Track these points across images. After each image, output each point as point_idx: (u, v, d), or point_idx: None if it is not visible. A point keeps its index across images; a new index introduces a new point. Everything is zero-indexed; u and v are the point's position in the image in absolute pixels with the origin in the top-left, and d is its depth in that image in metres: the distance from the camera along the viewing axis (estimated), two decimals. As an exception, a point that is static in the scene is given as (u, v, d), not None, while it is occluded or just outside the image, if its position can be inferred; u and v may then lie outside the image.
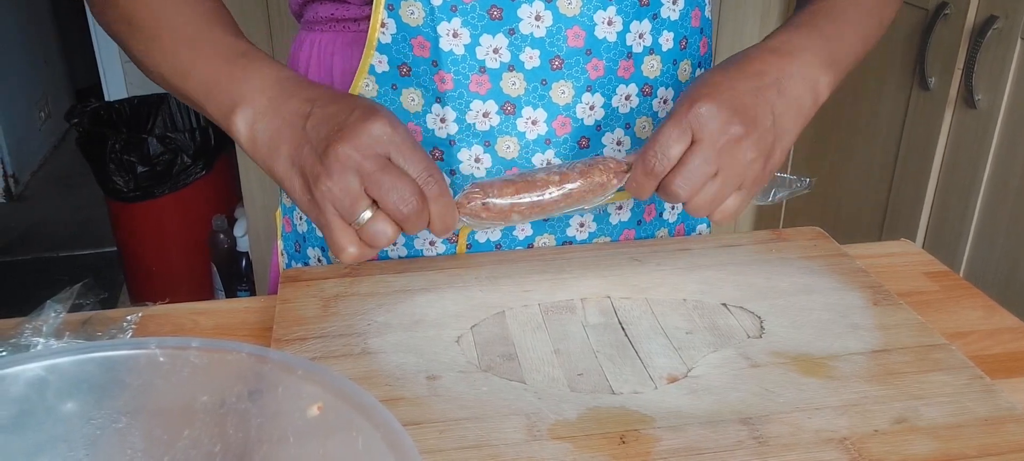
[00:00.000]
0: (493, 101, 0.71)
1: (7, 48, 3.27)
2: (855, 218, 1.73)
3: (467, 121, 0.72)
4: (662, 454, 0.52)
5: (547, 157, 0.74)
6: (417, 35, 0.69)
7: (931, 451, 0.53)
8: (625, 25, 0.71)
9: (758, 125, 0.62)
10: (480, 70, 0.70)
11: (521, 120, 0.72)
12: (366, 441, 0.42)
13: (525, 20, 0.69)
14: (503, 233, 0.78)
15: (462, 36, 0.69)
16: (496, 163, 0.73)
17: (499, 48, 0.70)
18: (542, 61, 0.70)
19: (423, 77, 0.71)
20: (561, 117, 0.73)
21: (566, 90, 0.72)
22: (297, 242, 0.85)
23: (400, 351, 0.62)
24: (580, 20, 0.70)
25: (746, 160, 0.63)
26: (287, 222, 0.86)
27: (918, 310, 0.68)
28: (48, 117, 3.60)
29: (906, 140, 1.55)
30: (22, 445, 0.46)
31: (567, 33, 0.70)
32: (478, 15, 0.69)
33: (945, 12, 1.40)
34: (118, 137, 2.27)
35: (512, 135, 0.73)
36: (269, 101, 0.62)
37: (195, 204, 2.41)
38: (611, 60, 0.72)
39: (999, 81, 1.32)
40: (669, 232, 0.85)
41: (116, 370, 0.47)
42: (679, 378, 0.60)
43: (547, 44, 0.70)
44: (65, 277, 2.71)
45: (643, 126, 0.76)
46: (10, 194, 3.26)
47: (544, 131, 0.73)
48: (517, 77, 0.71)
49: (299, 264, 0.84)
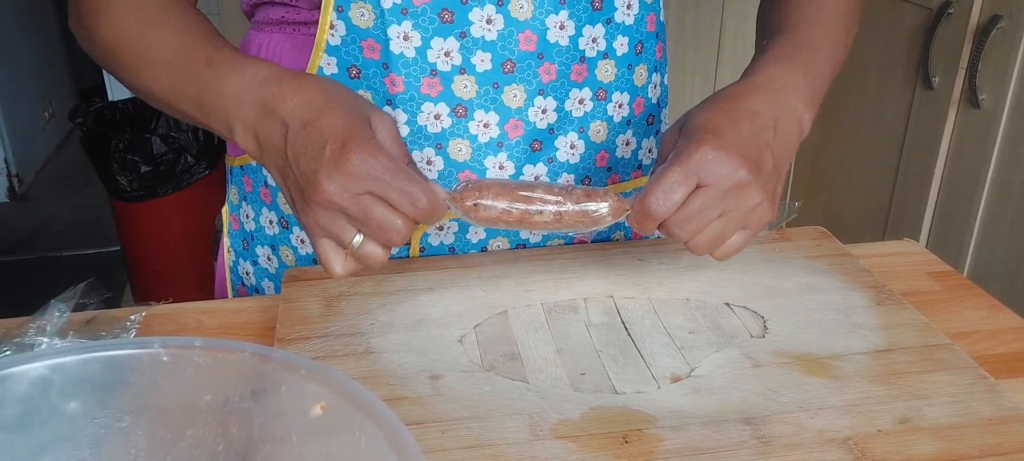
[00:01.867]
0: (445, 103, 0.71)
1: (11, 48, 3.27)
2: (858, 218, 1.73)
3: (418, 123, 0.72)
4: (665, 454, 0.52)
5: (499, 160, 0.74)
6: (367, 37, 0.69)
7: (934, 451, 0.53)
8: (577, 29, 0.72)
9: (762, 169, 0.61)
10: (431, 73, 0.70)
11: (473, 123, 0.72)
12: (369, 440, 0.42)
13: (476, 23, 0.69)
14: (456, 236, 0.78)
15: (413, 39, 0.69)
16: (448, 165, 0.73)
17: (450, 51, 0.70)
18: (494, 64, 0.71)
19: (373, 79, 0.70)
20: (513, 120, 0.73)
21: (518, 93, 0.72)
22: (244, 239, 0.85)
23: (403, 351, 0.62)
24: (532, 24, 0.70)
25: (752, 204, 0.61)
26: (234, 220, 0.86)
27: (922, 310, 0.68)
28: (52, 117, 3.61)
29: (910, 140, 1.54)
30: (26, 444, 0.46)
31: (519, 37, 0.70)
32: (429, 18, 0.68)
33: (949, 11, 1.40)
34: (122, 137, 2.28)
35: (464, 138, 0.72)
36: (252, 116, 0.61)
37: (199, 203, 2.41)
38: (563, 64, 0.72)
39: (1003, 80, 1.32)
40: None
41: (120, 369, 0.47)
42: (682, 378, 0.60)
43: (499, 48, 0.70)
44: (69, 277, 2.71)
45: (597, 130, 0.77)
46: (14, 194, 3.26)
47: (496, 134, 0.73)
48: (469, 80, 0.71)
49: (247, 262, 0.84)
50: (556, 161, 0.76)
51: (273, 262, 0.82)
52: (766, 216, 0.63)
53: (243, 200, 0.83)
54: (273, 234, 0.81)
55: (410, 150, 0.72)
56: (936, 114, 1.46)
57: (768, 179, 0.62)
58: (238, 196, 0.84)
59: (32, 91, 3.45)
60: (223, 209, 0.87)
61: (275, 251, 0.82)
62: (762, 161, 0.61)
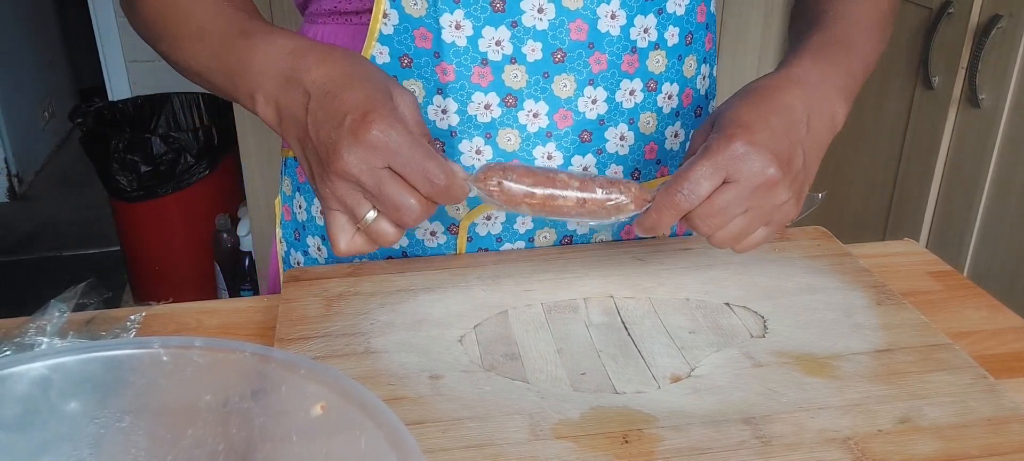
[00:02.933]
0: (495, 93, 0.71)
1: (12, 48, 3.27)
2: (859, 217, 1.73)
3: (469, 113, 0.72)
4: (665, 454, 0.52)
5: (548, 150, 0.74)
6: (419, 26, 0.69)
7: (934, 451, 0.53)
8: (629, 19, 0.71)
9: (792, 167, 0.60)
10: (482, 62, 0.70)
11: (523, 113, 0.72)
12: (369, 440, 0.42)
13: (528, 12, 0.69)
14: (503, 226, 0.78)
15: (464, 28, 0.69)
16: (497, 155, 0.73)
17: (501, 40, 0.70)
18: (544, 54, 0.70)
19: (424, 68, 0.71)
20: (563, 110, 0.73)
21: (568, 83, 0.72)
22: (297, 230, 0.85)
23: (403, 350, 0.62)
24: (583, 13, 0.70)
25: (779, 202, 0.61)
26: (286, 211, 0.86)
27: (922, 310, 0.68)
28: (52, 117, 3.61)
29: (910, 139, 1.54)
30: (26, 444, 0.46)
31: (569, 26, 0.70)
32: (480, 7, 0.69)
33: (949, 11, 1.40)
34: (122, 137, 2.28)
35: (513, 127, 0.73)
36: (275, 86, 0.62)
37: (198, 203, 2.41)
38: (614, 54, 0.72)
39: (1003, 80, 1.32)
40: (672, 231, 0.85)
41: (120, 369, 0.47)
42: (682, 378, 0.60)
43: (549, 37, 0.70)
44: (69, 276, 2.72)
45: (647, 122, 0.76)
46: (14, 194, 3.26)
47: (545, 124, 0.73)
48: (519, 69, 0.71)
49: (298, 252, 0.85)
50: (605, 152, 0.76)
51: (323, 252, 0.82)
52: (790, 213, 0.63)
53: (296, 190, 0.84)
54: (323, 224, 0.81)
55: (459, 140, 0.73)
56: (936, 114, 1.46)
57: (797, 177, 0.62)
58: (291, 187, 0.84)
59: (32, 91, 3.45)
60: (276, 200, 0.87)
61: (325, 241, 0.82)
62: (793, 158, 0.61)
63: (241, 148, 2.03)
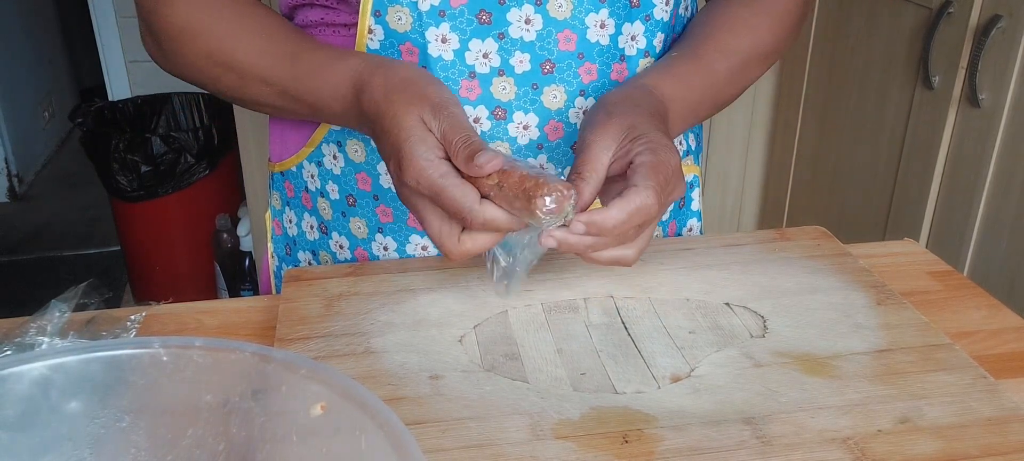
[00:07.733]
0: (484, 106, 0.71)
1: (12, 48, 3.27)
2: (859, 217, 1.73)
3: None
4: (665, 454, 0.52)
5: (539, 163, 0.73)
6: (405, 41, 0.69)
7: (934, 451, 0.53)
8: (617, 27, 0.71)
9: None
10: (470, 75, 0.70)
11: (512, 125, 0.72)
12: (369, 440, 0.42)
13: (515, 24, 0.68)
14: None
15: (451, 41, 0.68)
16: None
17: (489, 53, 0.69)
18: (533, 65, 0.70)
19: None
20: (553, 122, 0.72)
21: (558, 94, 0.71)
22: (288, 245, 0.85)
23: (403, 350, 0.62)
24: (571, 23, 0.69)
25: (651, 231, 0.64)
26: (277, 225, 0.86)
27: (922, 310, 0.68)
28: (52, 117, 3.61)
29: (910, 139, 1.54)
30: (27, 444, 0.46)
31: (558, 36, 0.69)
32: (466, 20, 0.68)
33: (949, 11, 1.40)
34: (122, 137, 2.28)
35: (504, 140, 0.72)
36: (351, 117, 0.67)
37: (199, 203, 2.41)
38: (604, 63, 0.71)
39: (1003, 80, 1.32)
40: (663, 231, 0.85)
41: (120, 369, 0.47)
42: (682, 378, 0.60)
43: (537, 48, 0.69)
44: (69, 276, 2.72)
45: None
46: (14, 194, 3.26)
47: (536, 136, 0.72)
48: (507, 82, 0.70)
49: (290, 267, 0.84)
50: None
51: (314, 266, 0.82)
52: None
53: (285, 205, 0.84)
54: (314, 239, 0.81)
55: None
56: (936, 114, 1.46)
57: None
58: (280, 201, 0.84)
59: (32, 91, 3.45)
60: (266, 215, 0.87)
61: (315, 256, 0.82)
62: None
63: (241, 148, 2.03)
